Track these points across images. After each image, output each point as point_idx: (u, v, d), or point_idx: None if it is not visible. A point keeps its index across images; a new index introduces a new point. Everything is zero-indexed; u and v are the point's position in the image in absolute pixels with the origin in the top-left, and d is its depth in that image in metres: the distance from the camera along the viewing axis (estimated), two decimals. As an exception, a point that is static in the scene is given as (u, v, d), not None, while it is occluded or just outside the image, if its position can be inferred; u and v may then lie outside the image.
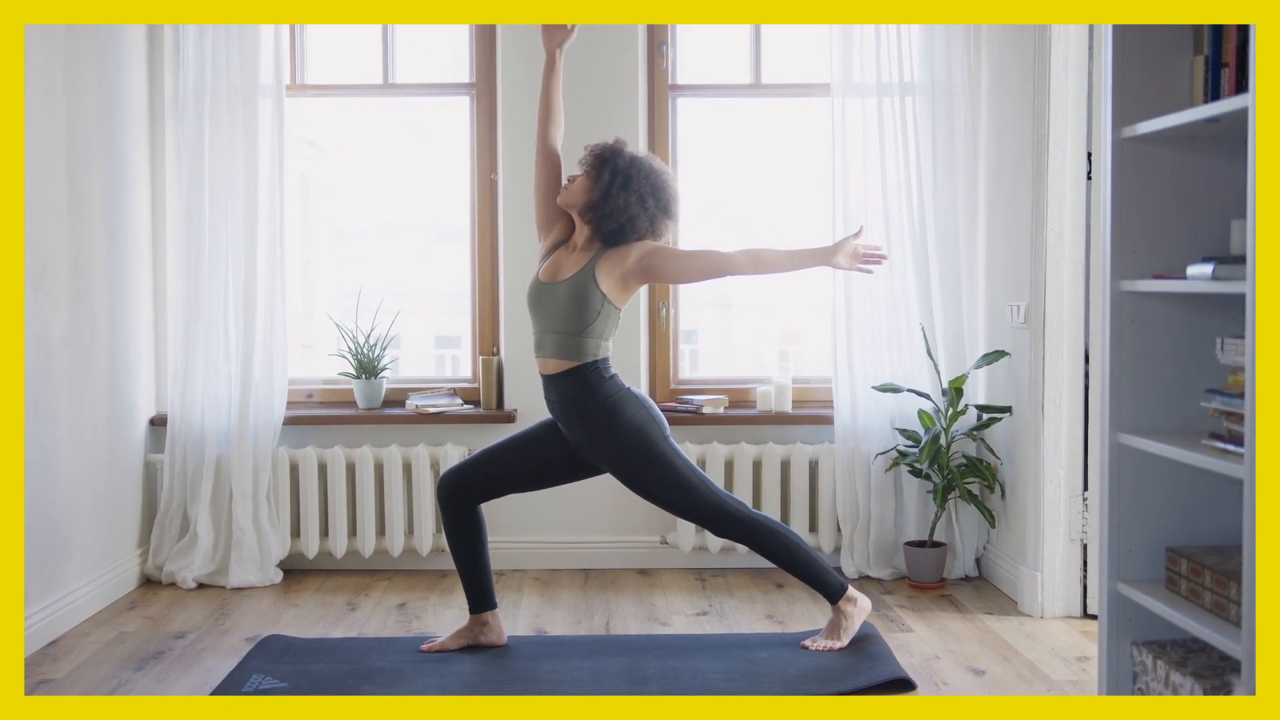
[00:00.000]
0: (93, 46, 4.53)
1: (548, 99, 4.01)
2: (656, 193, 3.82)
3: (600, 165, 3.82)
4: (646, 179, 3.81)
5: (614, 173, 3.79)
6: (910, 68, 4.97)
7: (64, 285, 4.31)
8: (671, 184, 3.88)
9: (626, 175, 3.79)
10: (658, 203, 3.82)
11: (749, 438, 5.16)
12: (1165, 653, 2.90)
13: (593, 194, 3.81)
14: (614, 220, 3.79)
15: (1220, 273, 2.61)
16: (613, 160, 3.81)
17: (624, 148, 3.87)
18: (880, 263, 4.01)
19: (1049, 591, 4.44)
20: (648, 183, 3.80)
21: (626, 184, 3.78)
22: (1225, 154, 2.89)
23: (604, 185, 3.79)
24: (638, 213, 3.79)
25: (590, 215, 3.82)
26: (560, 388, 3.83)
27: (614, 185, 3.78)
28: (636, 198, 3.79)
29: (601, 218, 3.80)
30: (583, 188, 3.84)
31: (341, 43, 5.37)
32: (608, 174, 3.79)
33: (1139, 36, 2.91)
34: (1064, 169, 4.35)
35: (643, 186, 3.80)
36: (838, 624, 3.97)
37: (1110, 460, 2.98)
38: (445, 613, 4.55)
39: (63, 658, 4.00)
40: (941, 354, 4.97)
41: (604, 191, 3.78)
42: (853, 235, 3.95)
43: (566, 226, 4.00)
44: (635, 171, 3.80)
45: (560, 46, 3.98)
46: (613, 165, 3.80)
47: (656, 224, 3.84)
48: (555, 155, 4.03)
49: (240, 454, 4.94)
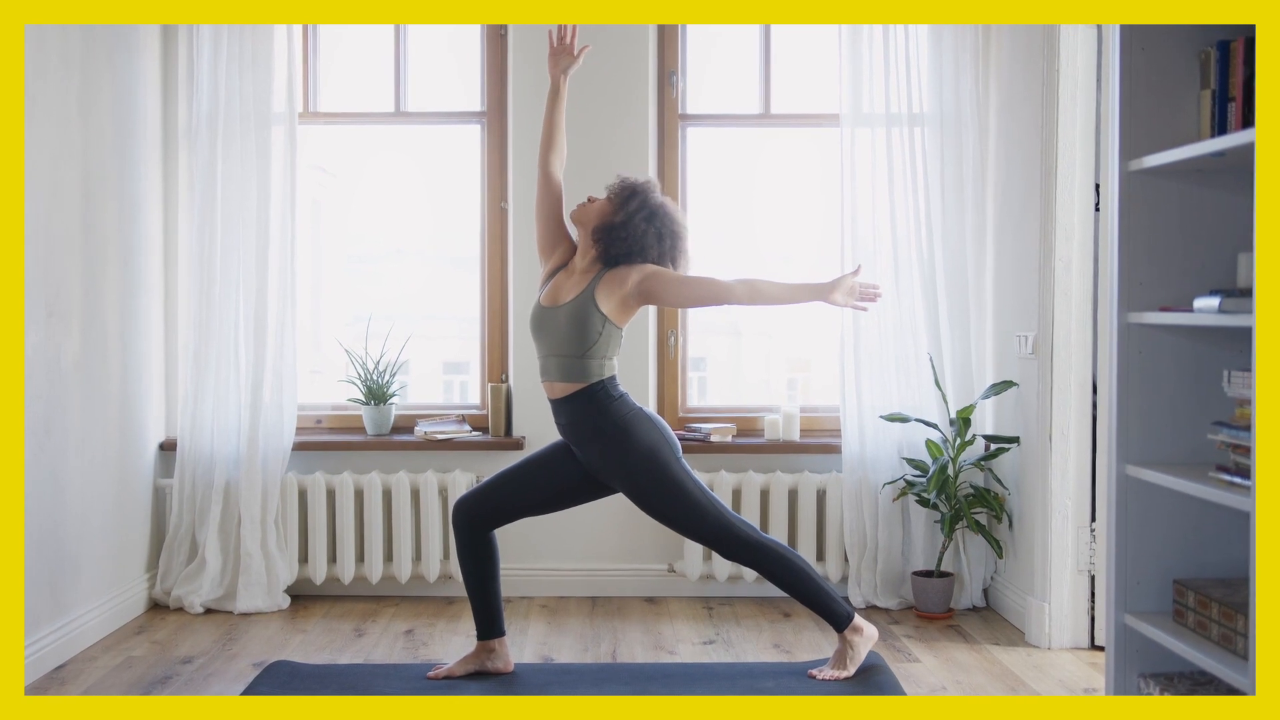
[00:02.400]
0: (108, 73, 4.57)
1: (551, 125, 4.05)
2: (674, 238, 3.90)
3: (630, 194, 3.88)
4: (667, 222, 3.88)
5: (643, 204, 3.85)
6: (919, 98, 4.99)
7: (76, 309, 4.33)
8: (687, 236, 3.97)
9: (653, 211, 3.86)
10: (672, 245, 3.90)
11: (757, 466, 5.16)
12: (1172, 685, 2.90)
13: (613, 217, 3.85)
14: (625, 245, 3.83)
15: (1227, 306, 2.62)
16: (644, 194, 3.89)
17: (657, 189, 3.94)
18: (875, 300, 4.03)
19: (1056, 622, 4.43)
20: (668, 226, 3.88)
21: (650, 218, 3.85)
22: (1232, 187, 2.91)
23: (629, 211, 3.84)
24: (650, 245, 3.85)
25: (602, 235, 3.86)
26: (569, 410, 3.85)
27: (638, 214, 3.84)
28: (655, 233, 3.85)
29: (614, 240, 3.84)
30: (601, 210, 3.88)
31: (354, 70, 5.41)
32: (636, 203, 3.85)
33: (1146, 70, 2.93)
34: (1072, 201, 4.37)
35: (663, 226, 3.87)
36: (844, 653, 3.97)
37: (1117, 491, 2.99)
38: (452, 639, 4.55)
39: (70, 681, 4.00)
40: (949, 384, 4.98)
41: (627, 216, 3.84)
42: (850, 273, 3.97)
43: (567, 251, 4.03)
44: (661, 212, 3.88)
45: (565, 73, 4.02)
46: (643, 198, 3.87)
47: (662, 262, 3.90)
48: (557, 181, 4.06)
49: (249, 479, 4.95)
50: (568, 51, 4.01)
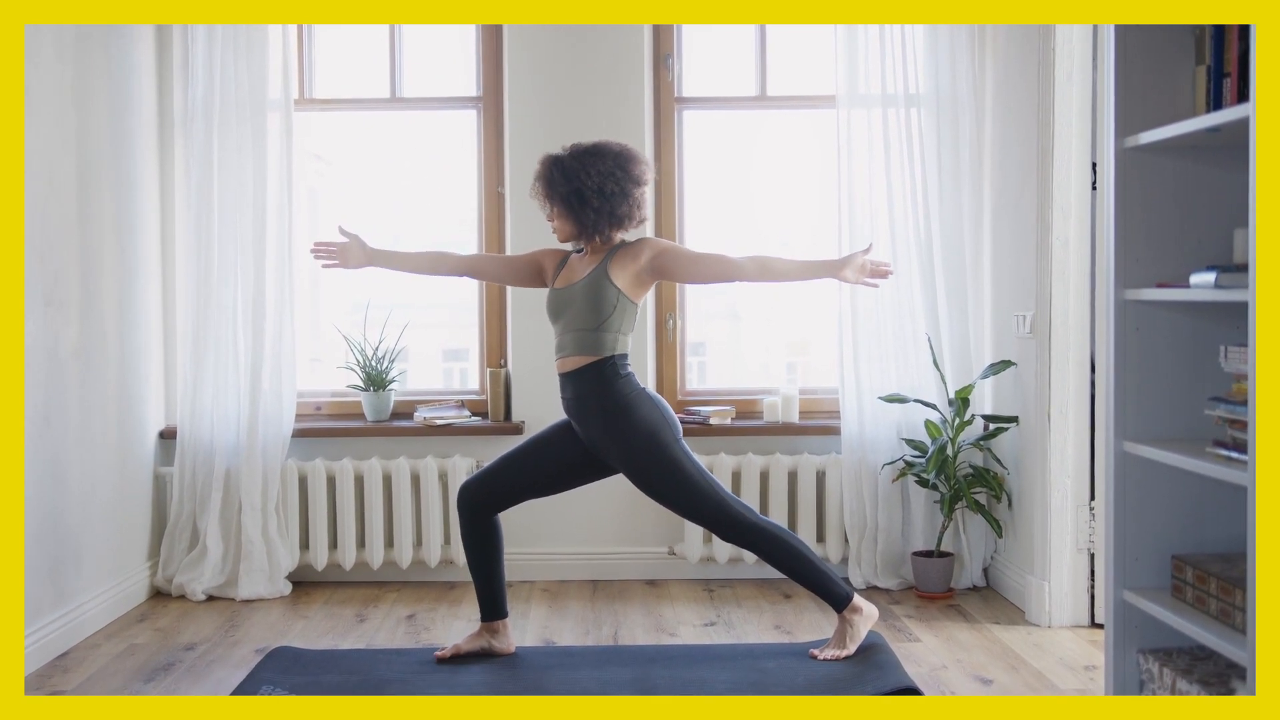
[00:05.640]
0: (103, 60, 4.57)
1: (417, 265, 4.19)
2: (606, 177, 3.80)
3: (551, 197, 3.86)
4: (591, 172, 3.80)
5: (565, 197, 3.82)
6: (915, 79, 4.99)
7: (74, 298, 4.34)
8: (610, 151, 3.86)
9: (576, 190, 3.80)
10: (617, 182, 3.82)
11: (756, 448, 5.17)
12: (1172, 660, 2.91)
13: (570, 221, 3.86)
14: (603, 225, 3.84)
15: (1223, 281, 2.62)
16: (554, 186, 3.84)
17: (551, 165, 3.86)
18: (886, 277, 4.04)
19: (1056, 601, 4.44)
20: (591, 178, 3.80)
21: (581, 197, 3.80)
22: (1228, 163, 2.91)
23: (570, 210, 3.83)
24: (613, 204, 3.82)
25: (583, 235, 3.89)
26: (576, 384, 3.86)
27: (573, 204, 3.82)
28: (597, 196, 3.80)
29: (593, 232, 3.86)
30: (560, 223, 3.89)
31: (349, 57, 5.40)
32: (560, 199, 3.84)
33: (1142, 47, 2.93)
34: (1068, 179, 4.36)
35: (590, 183, 3.80)
36: (844, 632, 3.98)
37: (1116, 469, 2.99)
38: (454, 624, 4.56)
39: (73, 669, 4.01)
40: (948, 364, 4.98)
41: (574, 215, 3.83)
42: (862, 251, 3.98)
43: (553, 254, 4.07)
44: (578, 177, 3.80)
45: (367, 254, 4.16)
46: (559, 190, 3.83)
47: (630, 198, 3.85)
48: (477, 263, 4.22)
49: (249, 466, 4.96)
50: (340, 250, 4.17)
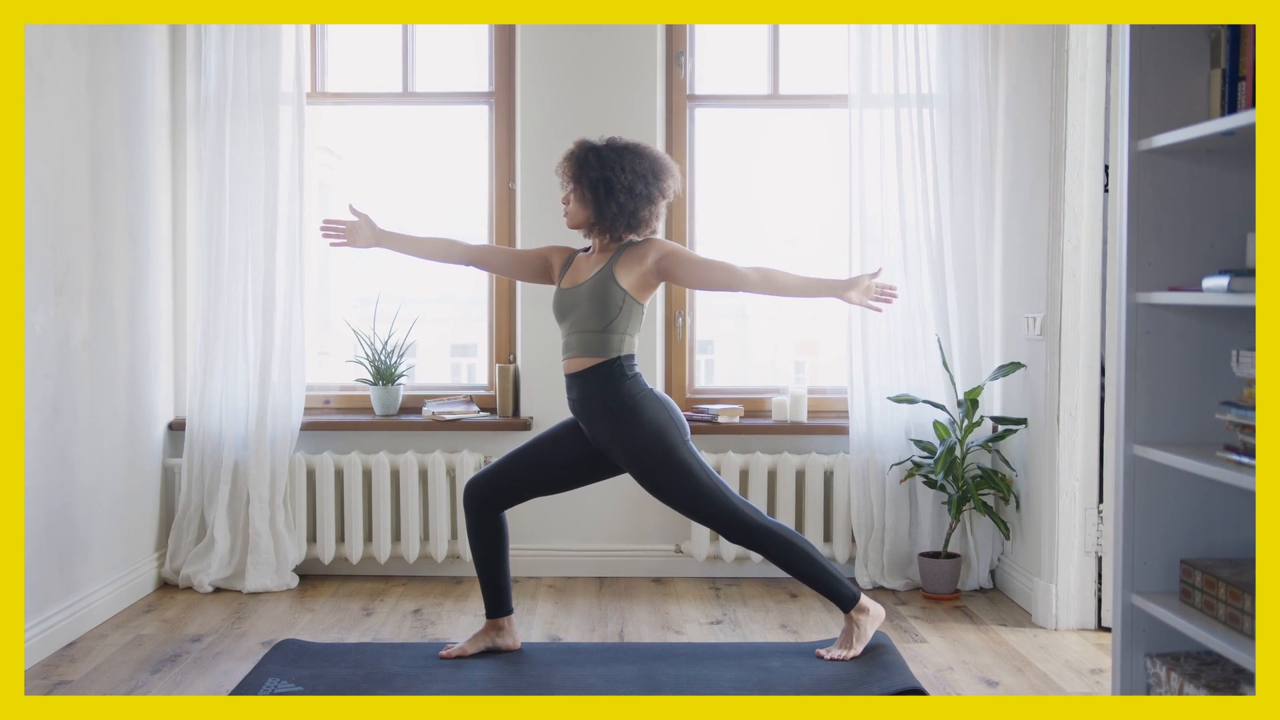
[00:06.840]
0: (116, 53, 4.57)
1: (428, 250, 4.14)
2: (639, 178, 3.81)
3: (578, 180, 3.85)
4: (625, 169, 3.80)
5: (593, 184, 3.81)
6: (928, 79, 4.98)
7: (85, 289, 4.34)
8: (649, 155, 3.87)
9: (606, 179, 3.79)
10: (647, 186, 3.82)
11: (764, 447, 5.17)
12: (1179, 665, 2.90)
13: (589, 208, 3.85)
14: (620, 223, 3.83)
15: (1236, 285, 2.62)
16: (585, 169, 3.83)
17: (587, 150, 3.85)
18: (891, 302, 4.01)
19: (1063, 603, 4.43)
20: (625, 174, 3.80)
21: (610, 188, 3.79)
22: (1241, 167, 2.90)
23: (594, 198, 3.82)
24: (638, 205, 3.82)
25: (597, 227, 3.87)
26: (582, 385, 3.85)
27: (599, 193, 3.81)
28: (625, 194, 3.80)
29: (607, 226, 3.85)
30: (576, 208, 3.88)
31: (362, 51, 5.40)
32: (587, 184, 3.82)
33: (1157, 49, 2.92)
34: (1081, 181, 4.35)
35: (622, 180, 3.80)
36: (851, 633, 3.98)
37: (1125, 472, 2.98)
38: (460, 619, 4.57)
39: (80, 659, 4.02)
40: (957, 365, 4.98)
41: (596, 204, 3.82)
42: (869, 275, 3.96)
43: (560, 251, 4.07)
44: (613, 169, 3.80)
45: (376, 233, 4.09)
46: (589, 175, 3.82)
47: (654, 205, 3.86)
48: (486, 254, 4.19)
49: (258, 459, 4.97)
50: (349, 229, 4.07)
